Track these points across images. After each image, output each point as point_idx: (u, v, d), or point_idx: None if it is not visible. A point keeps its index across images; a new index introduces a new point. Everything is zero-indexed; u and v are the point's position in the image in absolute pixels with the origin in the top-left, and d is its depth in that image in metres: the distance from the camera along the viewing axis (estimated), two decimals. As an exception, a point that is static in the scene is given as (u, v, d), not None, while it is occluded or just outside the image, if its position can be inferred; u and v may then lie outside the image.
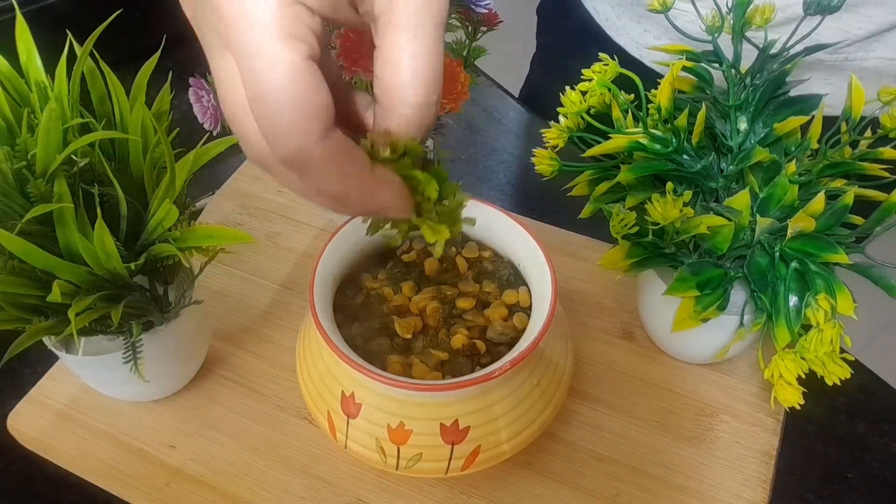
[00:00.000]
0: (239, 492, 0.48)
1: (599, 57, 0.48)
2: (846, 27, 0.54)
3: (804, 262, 0.44)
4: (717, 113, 0.47)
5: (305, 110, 0.24)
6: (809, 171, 0.45)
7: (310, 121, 0.24)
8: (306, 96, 0.24)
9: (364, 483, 0.48)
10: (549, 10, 0.85)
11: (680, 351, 0.54)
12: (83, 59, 0.41)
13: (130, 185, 0.43)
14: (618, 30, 0.68)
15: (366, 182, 0.27)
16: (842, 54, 0.56)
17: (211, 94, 0.51)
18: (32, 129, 0.39)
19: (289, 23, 0.24)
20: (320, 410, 0.44)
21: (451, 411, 0.41)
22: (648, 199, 0.44)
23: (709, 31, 0.46)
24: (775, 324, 0.44)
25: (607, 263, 0.48)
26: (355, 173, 0.26)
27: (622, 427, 0.51)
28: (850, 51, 0.55)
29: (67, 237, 0.38)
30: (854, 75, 0.46)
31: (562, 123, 0.50)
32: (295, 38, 0.24)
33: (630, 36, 0.66)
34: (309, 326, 0.47)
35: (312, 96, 0.24)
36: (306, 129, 0.24)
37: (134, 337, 0.43)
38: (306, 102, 0.24)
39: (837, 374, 0.42)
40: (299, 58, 0.24)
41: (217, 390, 0.53)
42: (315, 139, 0.24)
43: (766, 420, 0.52)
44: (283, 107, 0.24)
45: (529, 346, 0.40)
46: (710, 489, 0.49)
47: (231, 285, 0.59)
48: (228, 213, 0.64)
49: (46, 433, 0.51)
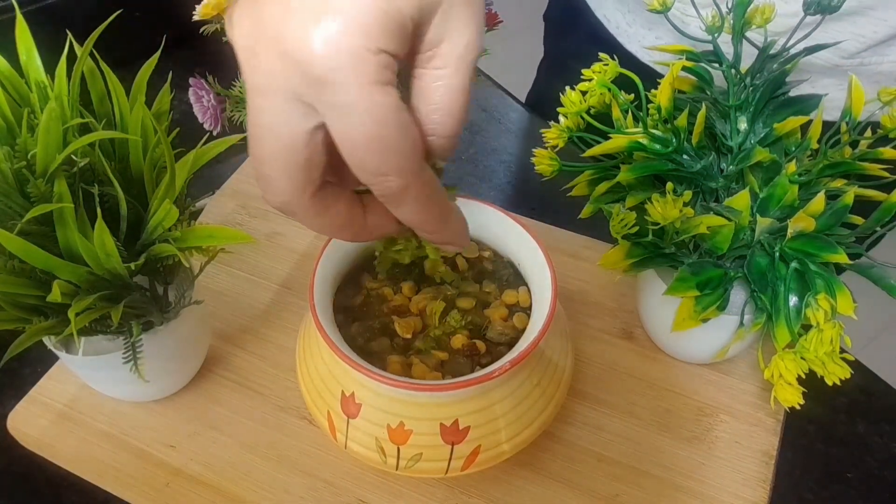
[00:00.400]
0: (239, 492, 0.48)
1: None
2: (862, 31, 0.54)
3: (804, 262, 0.44)
4: (717, 113, 0.47)
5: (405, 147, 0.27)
6: (809, 171, 0.45)
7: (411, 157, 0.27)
8: (404, 136, 0.27)
9: (364, 483, 0.48)
10: (557, 16, 0.84)
11: (680, 351, 0.54)
12: (83, 59, 0.41)
13: (130, 185, 0.43)
14: (629, 37, 0.68)
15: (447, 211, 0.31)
16: (857, 59, 0.56)
17: (211, 94, 0.51)
18: (32, 129, 0.39)
19: (378, 71, 0.25)
20: (320, 410, 0.44)
21: (451, 411, 0.41)
22: (648, 199, 0.44)
23: (709, 30, 0.46)
24: (775, 324, 0.44)
25: (607, 263, 0.48)
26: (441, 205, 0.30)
27: (622, 427, 0.51)
28: (865, 55, 0.55)
29: (67, 237, 0.38)
30: (854, 77, 0.46)
31: (562, 123, 0.50)
32: (386, 84, 0.26)
33: (641, 43, 0.66)
34: (309, 326, 0.47)
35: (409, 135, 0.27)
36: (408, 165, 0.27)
37: (134, 337, 0.43)
38: (404, 141, 0.27)
39: (837, 374, 0.42)
40: (392, 102, 0.26)
41: (217, 390, 0.53)
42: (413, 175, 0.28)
43: (766, 420, 0.52)
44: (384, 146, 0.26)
45: (529, 346, 0.40)
46: (710, 489, 0.49)
47: (231, 285, 0.59)
48: (228, 213, 0.64)
49: (46, 433, 0.51)
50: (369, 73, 0.25)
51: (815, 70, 0.55)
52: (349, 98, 0.25)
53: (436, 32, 0.27)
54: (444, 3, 0.27)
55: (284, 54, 0.25)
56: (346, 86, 0.25)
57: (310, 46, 0.25)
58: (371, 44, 0.25)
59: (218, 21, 0.53)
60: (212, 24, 0.53)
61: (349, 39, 0.25)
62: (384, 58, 0.26)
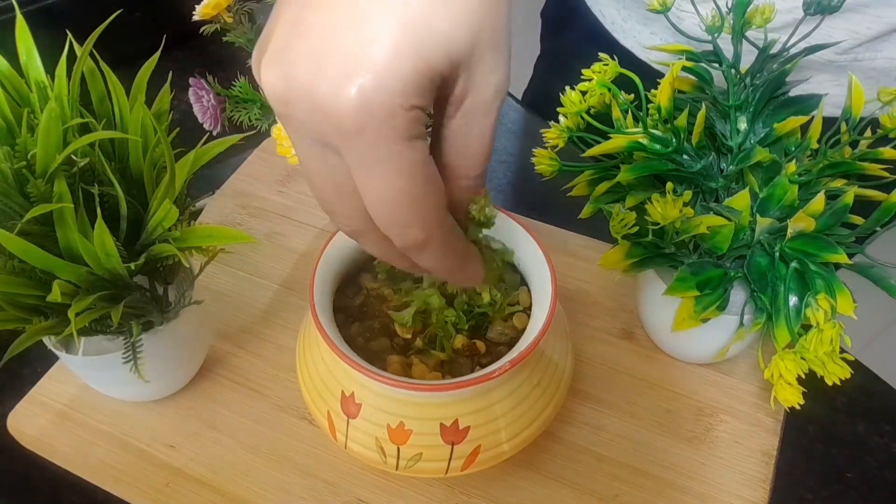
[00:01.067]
0: (239, 492, 0.48)
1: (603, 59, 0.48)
2: (856, 28, 0.54)
3: (804, 262, 0.44)
4: (717, 113, 0.47)
5: (431, 200, 0.27)
6: (809, 171, 0.45)
7: (435, 209, 0.28)
8: (431, 190, 0.27)
9: (364, 483, 0.48)
10: (554, 14, 0.84)
11: (680, 351, 0.54)
12: (83, 59, 0.41)
13: (130, 185, 0.43)
14: (624, 33, 0.68)
15: (465, 256, 0.32)
16: (851, 55, 0.56)
17: (211, 94, 0.51)
18: (32, 129, 0.39)
19: (409, 126, 0.26)
20: (320, 410, 0.44)
21: (451, 411, 0.41)
22: (648, 199, 0.44)
23: (709, 30, 0.46)
24: (775, 324, 0.44)
25: (607, 263, 0.48)
26: (460, 254, 0.31)
27: (622, 427, 0.51)
28: (859, 51, 0.56)
29: (67, 237, 0.38)
30: (854, 75, 0.46)
31: (562, 123, 0.50)
32: (416, 139, 0.26)
33: (637, 39, 0.66)
34: (309, 326, 0.47)
35: (436, 188, 0.27)
36: (432, 217, 0.28)
37: (134, 337, 0.43)
38: (431, 195, 0.27)
39: (837, 374, 0.42)
40: (421, 157, 0.26)
41: (217, 390, 0.53)
42: (437, 227, 0.28)
43: (766, 420, 0.52)
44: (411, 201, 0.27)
45: (529, 346, 0.40)
46: (710, 489, 0.49)
47: (231, 285, 0.59)
48: (228, 213, 0.64)
49: (46, 433, 0.51)
50: (401, 130, 0.25)
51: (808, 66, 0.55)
52: (379, 153, 0.26)
53: (465, 82, 0.27)
54: (474, 54, 0.27)
55: (317, 109, 0.25)
56: (378, 141, 0.25)
57: (342, 102, 0.25)
58: (404, 101, 0.25)
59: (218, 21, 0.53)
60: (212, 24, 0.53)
61: (382, 97, 0.25)
62: (416, 113, 0.26)
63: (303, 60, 0.25)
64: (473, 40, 0.26)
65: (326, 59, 0.25)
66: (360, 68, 0.25)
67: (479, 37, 0.26)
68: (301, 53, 0.26)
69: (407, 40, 0.25)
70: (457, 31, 0.26)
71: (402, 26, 0.25)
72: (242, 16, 0.54)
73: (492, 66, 0.27)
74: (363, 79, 0.25)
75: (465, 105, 0.28)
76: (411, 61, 0.25)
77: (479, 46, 0.26)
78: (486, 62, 0.27)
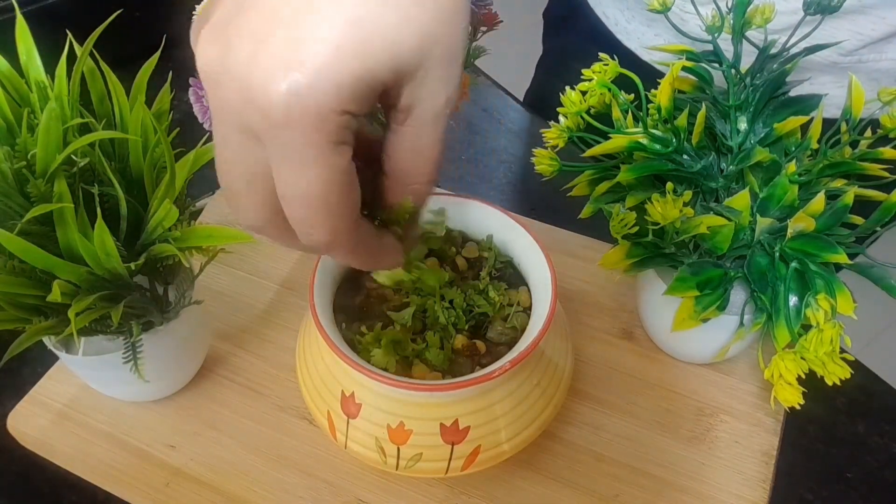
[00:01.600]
0: (239, 492, 0.48)
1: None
2: (860, 29, 0.54)
3: (804, 262, 0.44)
4: (717, 113, 0.47)
5: (343, 209, 0.27)
6: (809, 171, 0.45)
7: (346, 217, 0.27)
8: (346, 197, 0.26)
9: (364, 483, 0.48)
10: (556, 14, 0.84)
11: (680, 351, 0.54)
12: (83, 59, 0.41)
13: (130, 185, 0.43)
14: (628, 34, 0.68)
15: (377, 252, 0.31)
16: (855, 56, 0.56)
17: (211, 94, 0.51)
18: (32, 129, 0.39)
19: (338, 131, 0.25)
20: (320, 410, 0.44)
21: (451, 411, 0.41)
22: (648, 199, 0.44)
23: (709, 31, 0.46)
24: (775, 324, 0.44)
25: (607, 263, 0.48)
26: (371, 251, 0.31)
27: (622, 427, 0.51)
28: (863, 53, 0.56)
29: (67, 237, 0.38)
30: (854, 76, 0.46)
31: (562, 123, 0.50)
32: (342, 144, 0.25)
33: (640, 40, 0.66)
34: (309, 326, 0.47)
35: (351, 196, 0.27)
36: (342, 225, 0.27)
37: (134, 337, 0.43)
38: (345, 202, 0.26)
39: (837, 374, 0.42)
40: (344, 162, 0.26)
41: (217, 390, 0.53)
42: (347, 232, 0.28)
43: (766, 420, 0.52)
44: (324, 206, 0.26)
45: (529, 346, 0.40)
46: (710, 489, 0.49)
47: (231, 285, 0.59)
48: (228, 213, 0.64)
49: (46, 433, 0.51)
50: (328, 133, 0.24)
51: (812, 67, 0.55)
52: (302, 153, 0.25)
53: (411, 94, 0.26)
54: (421, 68, 0.25)
55: (247, 93, 0.24)
56: (302, 141, 0.24)
57: (273, 94, 0.24)
58: (336, 105, 0.24)
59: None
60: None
61: (314, 98, 0.24)
62: (347, 119, 0.25)
63: (242, 42, 0.24)
64: (423, 52, 0.25)
65: (265, 46, 0.24)
66: (296, 63, 0.23)
67: (431, 49, 0.25)
68: (241, 33, 0.24)
69: (351, 41, 0.24)
70: (406, 39, 0.24)
71: (348, 24, 0.24)
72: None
73: (443, 79, 0.26)
74: (298, 75, 0.23)
75: (412, 115, 0.27)
76: (351, 64, 0.24)
77: (429, 59, 0.25)
78: (435, 75, 0.26)
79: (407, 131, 0.28)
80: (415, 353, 0.44)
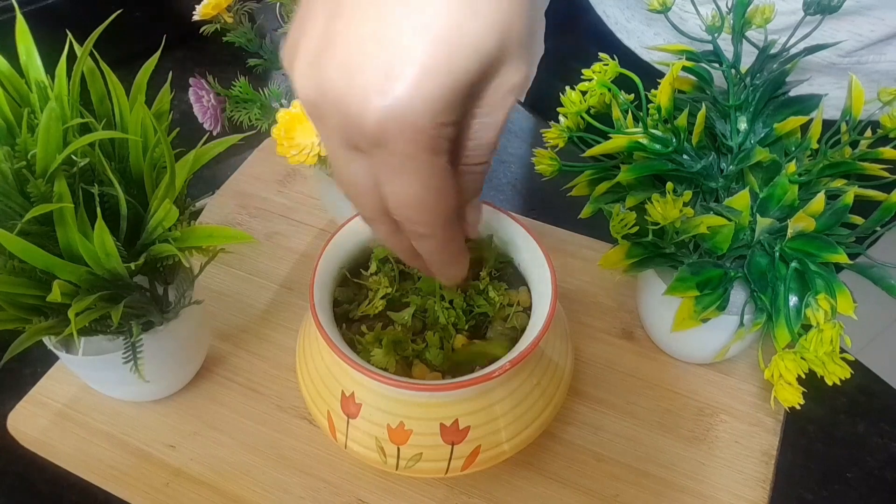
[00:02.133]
0: (239, 492, 0.48)
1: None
2: (859, 30, 0.54)
3: (804, 262, 0.44)
4: (717, 113, 0.47)
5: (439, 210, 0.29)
6: (809, 171, 0.45)
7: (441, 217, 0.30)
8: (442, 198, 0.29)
9: (364, 483, 0.48)
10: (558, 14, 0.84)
11: (680, 351, 0.54)
12: (83, 59, 0.41)
13: (130, 185, 0.43)
14: (628, 33, 0.68)
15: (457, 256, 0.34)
16: (854, 57, 0.55)
17: (211, 94, 0.51)
18: (32, 129, 0.39)
19: (433, 143, 0.26)
20: (320, 410, 0.44)
21: (451, 411, 0.41)
22: (648, 199, 0.44)
23: (709, 31, 0.46)
24: (775, 324, 0.44)
25: (607, 263, 0.48)
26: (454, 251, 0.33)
27: (622, 427, 0.51)
28: (862, 54, 0.55)
29: (67, 237, 0.38)
30: (854, 76, 0.46)
31: (562, 123, 0.50)
32: (440, 152, 0.27)
33: (640, 39, 0.66)
34: (309, 326, 0.47)
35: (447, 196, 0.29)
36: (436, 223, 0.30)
37: (134, 337, 0.43)
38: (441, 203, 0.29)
39: (837, 374, 0.42)
40: (440, 169, 0.28)
41: (217, 390, 0.53)
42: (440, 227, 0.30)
43: (766, 420, 0.52)
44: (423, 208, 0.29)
45: (529, 346, 0.40)
46: (710, 489, 0.49)
47: (231, 285, 0.59)
48: (228, 213, 0.64)
49: (46, 433, 0.51)
50: (425, 146, 0.26)
51: (811, 68, 0.55)
52: (401, 164, 0.27)
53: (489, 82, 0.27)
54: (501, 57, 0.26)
55: (346, 117, 0.26)
56: (400, 154, 0.26)
57: (369, 117, 0.25)
58: (431, 120, 0.25)
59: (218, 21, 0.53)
60: (212, 24, 0.53)
61: (410, 117, 0.25)
62: (442, 129, 0.26)
63: (333, 73, 0.26)
64: (502, 45, 0.26)
65: (358, 73, 0.25)
66: (387, 86, 0.25)
67: (508, 40, 0.26)
68: (331, 65, 0.26)
69: (438, 59, 0.25)
70: (488, 41, 0.25)
71: (435, 43, 0.25)
72: (242, 16, 0.54)
73: (517, 65, 0.27)
74: (390, 98, 0.25)
75: (483, 99, 0.28)
76: (440, 80, 0.25)
77: (506, 49, 0.26)
78: (511, 62, 0.27)
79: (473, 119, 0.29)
80: (415, 353, 0.44)
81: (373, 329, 0.44)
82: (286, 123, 0.48)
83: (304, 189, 0.66)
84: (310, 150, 0.48)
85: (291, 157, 0.48)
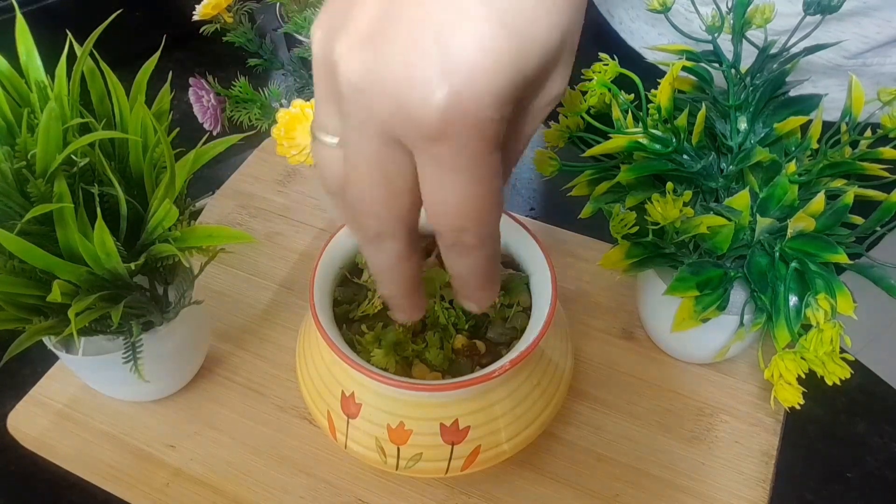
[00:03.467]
0: (239, 492, 0.48)
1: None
2: (865, 32, 0.54)
3: (804, 262, 0.44)
4: (717, 113, 0.47)
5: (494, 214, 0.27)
6: (809, 171, 0.45)
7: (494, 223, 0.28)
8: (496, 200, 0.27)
9: (364, 483, 0.48)
10: None
11: (680, 351, 0.54)
12: (83, 59, 0.41)
13: (130, 185, 0.43)
14: (632, 33, 0.68)
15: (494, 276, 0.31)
16: (859, 59, 0.55)
17: (211, 94, 0.51)
18: (32, 129, 0.39)
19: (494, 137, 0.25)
20: (320, 410, 0.44)
21: (451, 411, 0.41)
22: (648, 199, 0.44)
23: (709, 30, 0.46)
24: (775, 324, 0.44)
25: (607, 263, 0.48)
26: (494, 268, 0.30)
27: (622, 427, 0.51)
28: (867, 56, 0.55)
29: (67, 237, 0.38)
30: (854, 77, 0.46)
31: (562, 123, 0.50)
32: (497, 149, 0.25)
33: (644, 40, 0.66)
34: (309, 326, 0.47)
35: (500, 198, 0.27)
36: (488, 231, 0.28)
37: (134, 337, 0.43)
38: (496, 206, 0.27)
39: (837, 374, 0.42)
40: (497, 165, 0.26)
41: (217, 390, 0.53)
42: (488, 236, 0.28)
43: (766, 420, 0.52)
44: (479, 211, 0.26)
45: (529, 346, 0.40)
46: (710, 489, 0.49)
47: (231, 285, 0.59)
48: (228, 213, 0.64)
49: (46, 433, 0.51)
50: (488, 139, 0.24)
51: (816, 70, 0.55)
52: (461, 161, 0.25)
53: (541, 84, 0.26)
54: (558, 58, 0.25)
55: (401, 106, 0.24)
56: (461, 149, 0.24)
57: (431, 108, 0.23)
58: (495, 113, 0.24)
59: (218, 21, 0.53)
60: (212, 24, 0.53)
61: (475, 109, 0.23)
62: (503, 122, 0.25)
63: (394, 55, 0.24)
64: (563, 46, 0.25)
65: (420, 60, 0.23)
66: (455, 75, 0.23)
67: (566, 42, 0.25)
68: (392, 47, 0.24)
69: (507, 48, 0.23)
70: (553, 38, 0.24)
71: (504, 31, 0.23)
72: (242, 16, 0.54)
73: (563, 73, 0.26)
74: (458, 87, 0.23)
75: (533, 104, 0.27)
76: (509, 73, 0.23)
77: (562, 52, 0.25)
78: (559, 69, 0.26)
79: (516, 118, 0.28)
80: (415, 354, 0.44)
81: (373, 329, 0.44)
82: (286, 123, 0.48)
83: (304, 189, 0.66)
84: (310, 150, 0.48)
85: (291, 157, 0.48)
